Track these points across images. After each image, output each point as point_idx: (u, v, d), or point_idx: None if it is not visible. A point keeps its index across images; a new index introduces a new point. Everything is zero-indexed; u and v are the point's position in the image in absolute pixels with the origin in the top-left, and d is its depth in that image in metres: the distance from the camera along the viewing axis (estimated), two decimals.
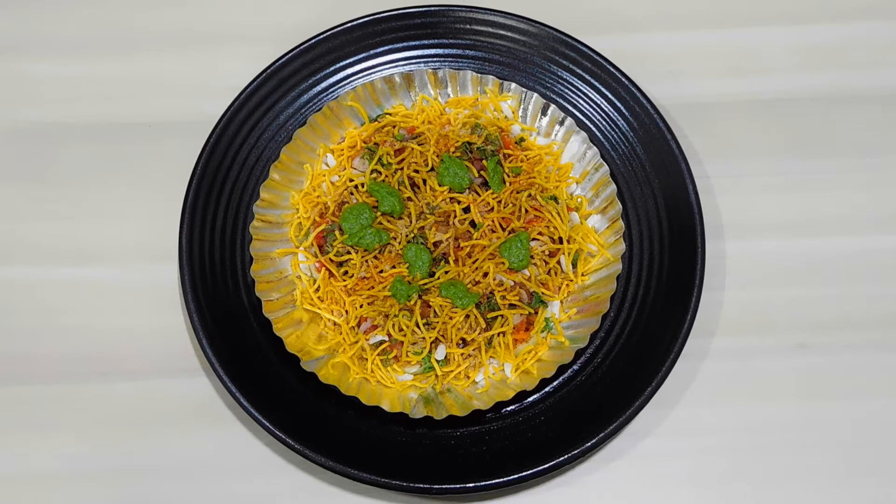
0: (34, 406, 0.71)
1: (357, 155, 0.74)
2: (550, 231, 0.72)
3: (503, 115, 0.76)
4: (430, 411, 0.67)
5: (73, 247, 0.76)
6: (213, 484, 0.69)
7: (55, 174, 0.78)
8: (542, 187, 0.73)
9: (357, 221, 0.71)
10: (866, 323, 0.74)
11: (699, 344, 0.73)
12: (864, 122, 0.80)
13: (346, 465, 0.65)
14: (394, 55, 0.79)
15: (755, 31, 0.83)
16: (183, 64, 0.82)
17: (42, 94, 0.81)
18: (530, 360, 0.70)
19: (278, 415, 0.67)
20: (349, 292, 0.70)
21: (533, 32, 0.78)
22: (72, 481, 0.69)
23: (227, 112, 0.75)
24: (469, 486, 0.65)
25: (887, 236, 0.77)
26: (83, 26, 0.83)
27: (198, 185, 0.73)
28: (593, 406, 0.68)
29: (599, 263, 0.72)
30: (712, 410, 0.72)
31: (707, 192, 0.77)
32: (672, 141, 0.74)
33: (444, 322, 0.69)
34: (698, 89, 0.81)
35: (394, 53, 0.79)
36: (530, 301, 0.71)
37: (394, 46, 0.78)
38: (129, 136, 0.79)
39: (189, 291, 0.70)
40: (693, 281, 0.70)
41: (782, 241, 0.76)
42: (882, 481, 0.70)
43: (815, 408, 0.72)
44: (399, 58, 0.79)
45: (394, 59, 0.79)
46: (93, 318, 0.74)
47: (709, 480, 0.70)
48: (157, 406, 0.71)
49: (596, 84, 0.77)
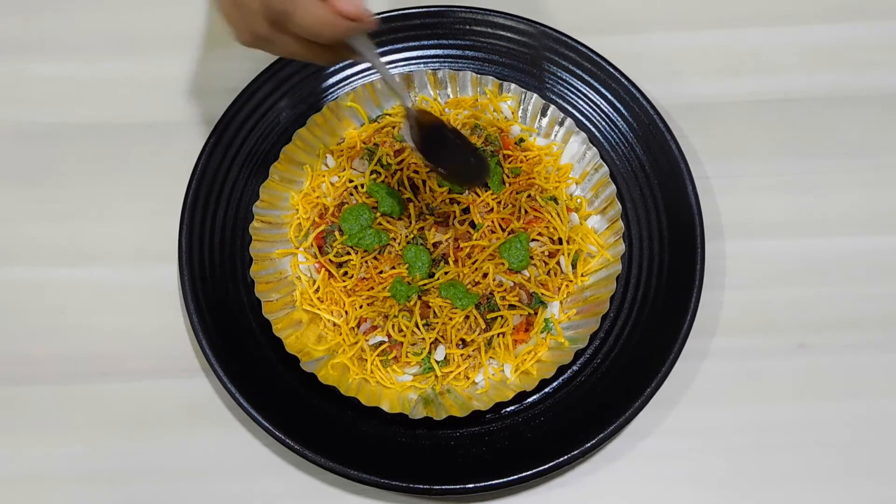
0: (34, 406, 0.71)
1: (357, 156, 0.74)
2: (550, 232, 0.72)
3: (503, 116, 0.76)
4: (430, 412, 0.67)
5: (73, 247, 0.76)
6: (213, 484, 0.69)
7: (55, 174, 0.78)
8: (542, 188, 0.73)
9: (357, 222, 0.71)
10: (866, 323, 0.74)
11: (699, 344, 0.73)
12: (864, 122, 0.80)
13: (346, 466, 0.65)
14: (393, 56, 0.79)
15: (755, 31, 0.83)
16: (183, 64, 0.82)
17: (42, 94, 0.81)
18: (530, 360, 0.70)
19: (278, 415, 0.67)
20: (349, 293, 0.70)
21: (532, 33, 0.78)
22: (72, 481, 0.69)
23: (226, 112, 0.75)
24: (469, 487, 0.65)
25: (887, 236, 0.77)
26: (83, 27, 0.83)
27: (198, 185, 0.73)
28: (593, 406, 0.68)
29: (599, 264, 0.72)
30: (712, 410, 0.71)
31: (707, 192, 0.77)
32: (672, 141, 0.74)
33: (444, 323, 0.69)
34: (698, 89, 0.81)
35: (393, 54, 0.79)
36: (530, 302, 0.71)
37: (393, 47, 0.79)
38: (129, 136, 0.79)
39: (189, 292, 0.70)
40: (693, 281, 0.70)
41: (782, 241, 0.76)
42: (882, 481, 0.70)
43: (815, 408, 0.72)
44: (398, 58, 0.79)
45: (393, 60, 0.79)
46: (93, 318, 0.74)
47: (709, 480, 0.70)
48: (157, 406, 0.71)
49: (595, 85, 0.77)
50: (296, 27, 0.57)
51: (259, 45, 0.60)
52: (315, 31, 0.57)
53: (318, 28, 0.57)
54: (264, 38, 0.59)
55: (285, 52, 0.60)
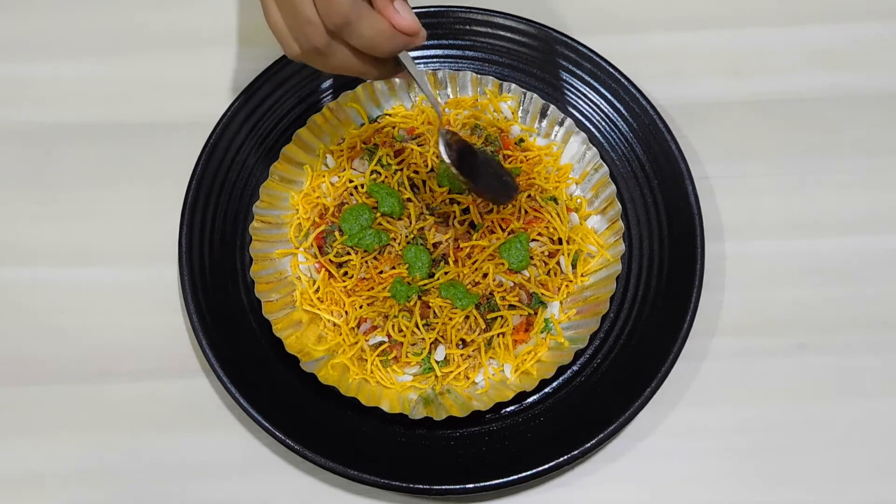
0: (34, 406, 0.71)
1: (357, 156, 0.74)
2: (550, 232, 0.72)
3: (503, 116, 0.76)
4: (430, 412, 0.67)
5: (73, 247, 0.76)
6: (213, 484, 0.69)
7: (55, 174, 0.78)
8: (542, 188, 0.73)
9: (357, 222, 0.71)
10: (866, 323, 0.74)
11: (699, 344, 0.73)
12: (864, 122, 0.80)
13: (346, 466, 0.65)
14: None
15: (755, 31, 0.83)
16: (183, 64, 0.82)
17: (42, 94, 0.81)
18: (530, 360, 0.70)
19: (278, 415, 0.67)
20: (349, 293, 0.70)
21: (532, 33, 0.78)
22: (72, 481, 0.69)
23: (227, 112, 0.75)
24: (469, 487, 0.65)
25: (887, 236, 0.77)
26: (83, 26, 0.83)
27: (198, 185, 0.73)
28: (593, 406, 0.68)
29: (599, 264, 0.72)
30: (712, 411, 0.71)
31: (707, 192, 0.77)
32: (672, 141, 0.74)
33: (444, 323, 0.69)
34: (698, 89, 0.81)
35: None
36: (530, 302, 0.71)
37: None
38: (129, 136, 0.79)
39: (189, 292, 0.70)
40: (693, 281, 0.70)
41: (782, 242, 0.76)
42: (882, 481, 0.70)
43: (815, 408, 0.72)
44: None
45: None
46: (93, 319, 0.74)
47: (709, 481, 0.70)
48: (157, 406, 0.71)
49: (595, 85, 0.77)
50: (357, 38, 0.57)
51: (310, 58, 0.60)
52: (375, 42, 0.57)
53: (378, 40, 0.57)
54: (319, 51, 0.58)
55: (340, 64, 0.59)
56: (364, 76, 0.61)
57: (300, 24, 0.57)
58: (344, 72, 0.60)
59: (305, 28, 0.57)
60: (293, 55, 0.60)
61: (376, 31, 0.57)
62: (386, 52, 0.58)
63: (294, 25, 0.58)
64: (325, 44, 0.58)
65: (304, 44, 0.58)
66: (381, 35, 0.57)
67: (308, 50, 0.59)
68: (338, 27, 0.56)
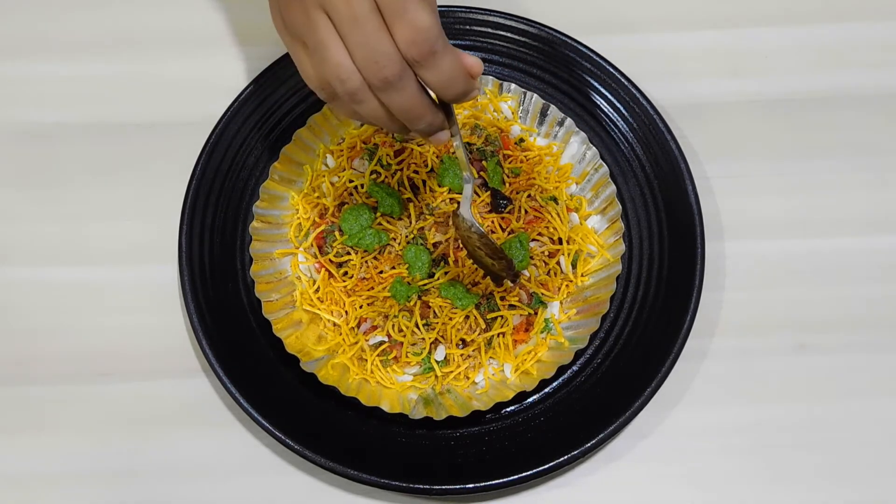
0: (34, 406, 0.71)
1: (357, 156, 0.74)
2: (550, 232, 0.72)
3: (503, 116, 0.76)
4: (430, 412, 0.67)
5: (73, 247, 0.76)
6: (213, 484, 0.69)
7: (55, 174, 0.78)
8: (542, 188, 0.73)
9: (357, 222, 0.71)
10: (866, 323, 0.74)
11: (699, 344, 0.73)
12: (864, 122, 0.80)
13: (346, 466, 0.65)
14: None
15: (755, 31, 0.83)
16: (183, 64, 0.81)
17: (42, 94, 0.80)
18: (530, 360, 0.70)
19: (277, 415, 0.67)
20: (349, 293, 0.70)
21: (532, 33, 0.78)
22: (72, 481, 0.69)
23: (227, 112, 0.75)
24: (469, 487, 0.65)
25: (887, 236, 0.76)
26: (83, 26, 0.83)
27: (198, 185, 0.73)
28: (593, 406, 0.68)
29: (599, 264, 0.72)
30: (712, 411, 0.71)
31: (707, 192, 0.77)
32: (672, 141, 0.74)
33: (444, 323, 0.69)
34: (698, 89, 0.81)
35: None
36: (530, 302, 0.71)
37: None
38: (129, 136, 0.79)
39: (189, 292, 0.70)
40: (693, 281, 0.70)
41: (782, 241, 0.76)
42: (882, 481, 0.70)
43: (815, 408, 0.72)
44: None
45: None
46: (93, 318, 0.73)
47: (709, 481, 0.70)
48: (157, 406, 0.71)
49: (595, 84, 0.77)
50: (434, 72, 0.52)
51: (360, 97, 0.53)
52: (452, 80, 0.52)
53: (456, 78, 0.52)
54: (389, 82, 0.51)
55: (404, 102, 0.53)
56: (417, 123, 0.55)
57: (369, 53, 0.51)
58: (399, 113, 0.54)
59: (379, 54, 0.50)
60: (348, 89, 0.53)
61: (457, 68, 0.52)
62: (458, 93, 0.53)
63: (364, 55, 0.51)
64: (397, 75, 0.51)
65: (375, 72, 0.51)
66: (460, 73, 0.52)
67: (379, 81, 0.52)
68: (422, 56, 0.51)
